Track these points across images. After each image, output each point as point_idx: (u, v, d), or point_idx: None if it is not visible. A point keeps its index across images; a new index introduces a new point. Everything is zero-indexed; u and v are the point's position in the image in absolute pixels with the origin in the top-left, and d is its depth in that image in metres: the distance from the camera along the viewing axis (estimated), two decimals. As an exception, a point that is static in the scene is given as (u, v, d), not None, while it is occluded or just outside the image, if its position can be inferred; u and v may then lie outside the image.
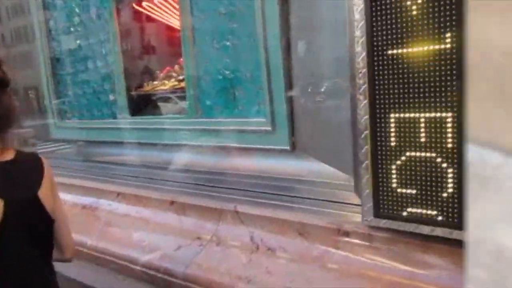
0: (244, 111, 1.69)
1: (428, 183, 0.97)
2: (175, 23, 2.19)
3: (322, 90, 1.36)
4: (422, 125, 0.96)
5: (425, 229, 0.99)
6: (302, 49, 1.44)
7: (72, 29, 2.39)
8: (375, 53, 1.02)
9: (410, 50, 0.96)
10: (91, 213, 1.74)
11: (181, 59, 2.09)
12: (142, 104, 2.24)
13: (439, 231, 0.97)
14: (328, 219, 1.20)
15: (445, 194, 0.94)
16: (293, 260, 1.18)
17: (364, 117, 1.04)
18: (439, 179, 0.95)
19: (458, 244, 0.92)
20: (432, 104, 0.93)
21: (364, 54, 1.03)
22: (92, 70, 2.31)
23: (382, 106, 1.01)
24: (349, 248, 1.12)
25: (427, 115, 0.95)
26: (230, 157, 1.63)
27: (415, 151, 0.97)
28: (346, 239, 1.14)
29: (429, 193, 0.97)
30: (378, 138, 1.03)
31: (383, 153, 1.03)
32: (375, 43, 1.02)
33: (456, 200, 0.93)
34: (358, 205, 1.13)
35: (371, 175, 1.05)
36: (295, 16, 1.44)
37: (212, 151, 1.71)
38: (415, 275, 1.00)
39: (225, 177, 1.57)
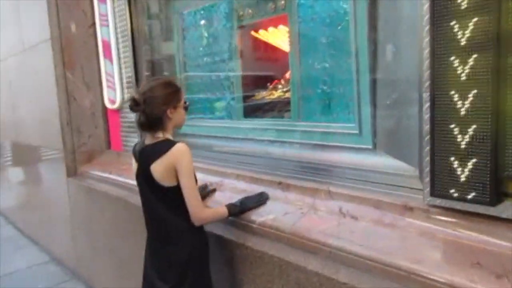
0: (337, 117, 2.19)
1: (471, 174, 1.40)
2: (285, 46, 2.74)
3: (398, 98, 1.81)
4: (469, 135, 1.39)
5: (466, 206, 1.42)
6: (384, 68, 1.90)
7: (201, 48, 3.07)
8: (437, 64, 1.44)
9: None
10: (218, 189, 2.34)
11: (287, 75, 2.66)
12: (254, 109, 2.84)
13: (478, 208, 1.39)
14: (397, 198, 1.67)
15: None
16: (370, 224, 1.66)
17: (426, 126, 1.49)
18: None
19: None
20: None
21: (427, 61, 1.46)
22: (216, 81, 2.96)
23: (440, 119, 1.45)
24: (411, 218, 1.58)
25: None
26: (324, 152, 2.14)
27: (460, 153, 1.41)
28: (410, 212, 1.60)
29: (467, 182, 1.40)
30: (436, 142, 1.48)
31: (439, 152, 1.47)
32: (437, 53, 1.42)
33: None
34: (421, 189, 1.58)
35: (429, 168, 1.50)
36: (380, 38, 1.90)
37: (310, 148, 2.23)
38: (459, 236, 1.43)
39: (320, 166, 2.09)
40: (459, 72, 1.36)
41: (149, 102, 1.73)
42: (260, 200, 2.03)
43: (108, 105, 3.72)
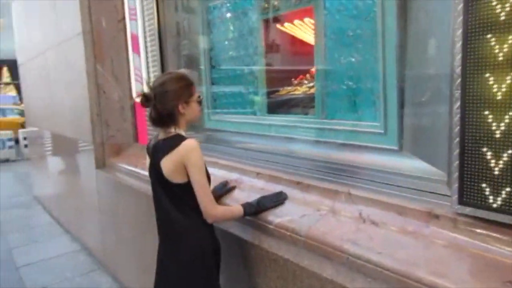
0: (362, 115, 2.06)
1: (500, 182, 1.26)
2: (311, 39, 2.63)
3: (427, 98, 1.67)
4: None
5: (499, 217, 1.28)
6: (413, 63, 1.76)
7: (226, 43, 3.01)
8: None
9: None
10: (237, 186, 2.27)
11: (313, 70, 2.54)
12: (278, 105, 2.75)
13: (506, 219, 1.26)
14: (423, 204, 1.54)
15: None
16: (391, 231, 1.54)
17: (456, 128, 1.35)
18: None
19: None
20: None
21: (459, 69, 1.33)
22: (241, 76, 2.89)
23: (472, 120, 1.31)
24: (437, 226, 1.45)
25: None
26: (347, 151, 2.02)
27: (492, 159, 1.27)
28: (436, 220, 1.47)
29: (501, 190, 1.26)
30: (466, 146, 1.34)
31: (469, 158, 1.33)
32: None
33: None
34: (449, 196, 1.45)
35: (458, 173, 1.37)
36: (409, 36, 1.77)
37: (333, 146, 2.12)
38: (488, 249, 1.29)
39: (342, 167, 1.97)
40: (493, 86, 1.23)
41: (160, 97, 1.69)
42: (277, 200, 1.95)
43: (136, 98, 3.74)
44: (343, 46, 2.15)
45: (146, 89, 1.76)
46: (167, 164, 1.69)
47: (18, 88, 16.87)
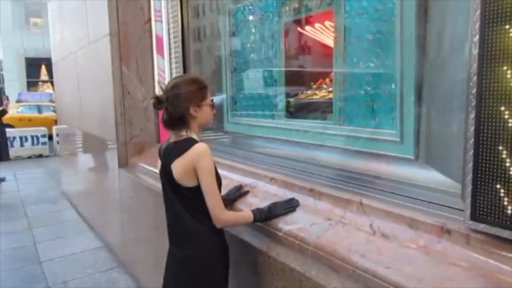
0: (379, 122, 2.00)
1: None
2: (330, 43, 2.58)
3: (447, 103, 1.60)
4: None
5: (514, 235, 1.20)
6: (431, 71, 1.69)
7: (248, 45, 2.99)
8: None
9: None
10: (250, 191, 2.25)
11: (332, 74, 2.48)
12: (297, 109, 2.71)
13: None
14: (435, 218, 1.47)
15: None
16: (401, 246, 1.47)
17: (470, 140, 1.28)
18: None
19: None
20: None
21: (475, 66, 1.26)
22: (261, 79, 2.87)
23: (487, 133, 1.24)
24: (449, 242, 1.37)
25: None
26: (362, 160, 1.96)
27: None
28: (448, 235, 1.40)
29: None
30: (480, 159, 1.27)
31: (483, 171, 1.25)
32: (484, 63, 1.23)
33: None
34: (462, 210, 1.37)
35: (471, 187, 1.30)
36: (428, 43, 1.70)
37: (348, 154, 2.07)
38: (503, 270, 1.22)
39: (355, 175, 1.92)
40: None
41: (172, 100, 1.68)
42: (289, 207, 1.91)
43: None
44: (362, 50, 2.09)
45: (159, 92, 1.76)
46: (178, 167, 1.68)
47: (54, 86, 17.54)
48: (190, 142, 1.69)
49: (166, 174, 1.74)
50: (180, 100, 1.69)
